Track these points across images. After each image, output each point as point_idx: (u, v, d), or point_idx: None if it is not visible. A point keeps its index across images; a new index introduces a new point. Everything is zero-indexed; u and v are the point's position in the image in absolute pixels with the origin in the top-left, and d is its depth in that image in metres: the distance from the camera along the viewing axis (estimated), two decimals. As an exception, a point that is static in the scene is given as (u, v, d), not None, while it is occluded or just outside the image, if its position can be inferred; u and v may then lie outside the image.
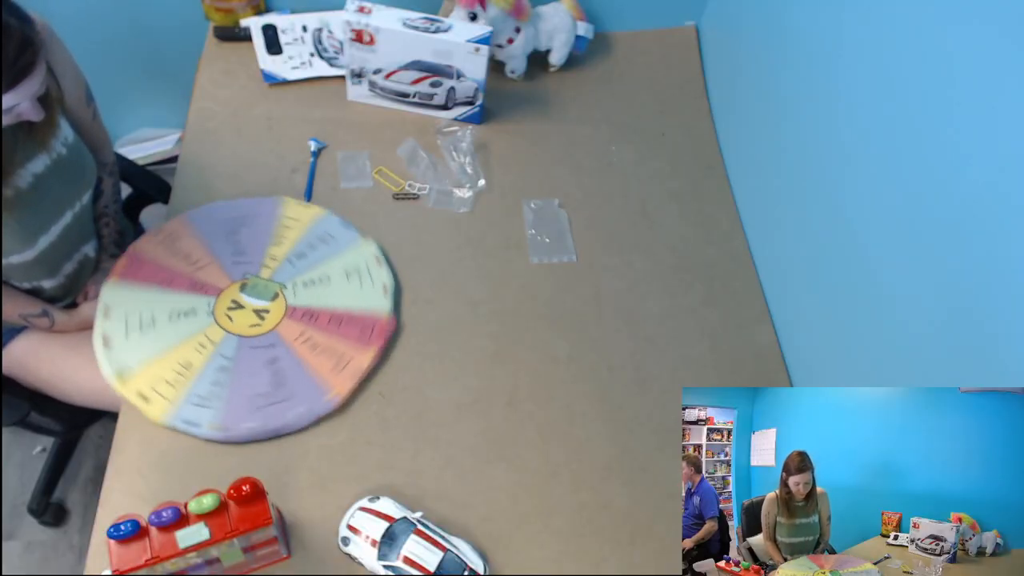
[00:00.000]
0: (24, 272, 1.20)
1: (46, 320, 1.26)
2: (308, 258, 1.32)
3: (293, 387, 1.19)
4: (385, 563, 1.04)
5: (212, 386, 1.18)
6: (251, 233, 1.34)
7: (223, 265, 1.30)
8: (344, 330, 1.25)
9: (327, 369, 1.21)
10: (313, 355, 1.22)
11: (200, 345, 1.21)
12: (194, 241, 1.32)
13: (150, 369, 1.18)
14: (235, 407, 1.16)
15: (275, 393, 1.18)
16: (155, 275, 1.27)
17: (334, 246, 1.34)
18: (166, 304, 1.25)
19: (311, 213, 1.38)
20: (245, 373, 1.20)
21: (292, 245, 1.33)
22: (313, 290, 1.29)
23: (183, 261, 1.30)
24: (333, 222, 1.37)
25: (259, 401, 1.17)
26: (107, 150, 1.35)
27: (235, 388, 1.18)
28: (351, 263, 1.32)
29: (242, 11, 1.62)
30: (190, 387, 1.17)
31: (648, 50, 1.75)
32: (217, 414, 1.15)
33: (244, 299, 1.27)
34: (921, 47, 1.00)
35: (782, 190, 1.37)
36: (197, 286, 1.27)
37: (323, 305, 1.28)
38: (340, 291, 1.29)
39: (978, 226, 0.91)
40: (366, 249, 1.34)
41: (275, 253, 1.32)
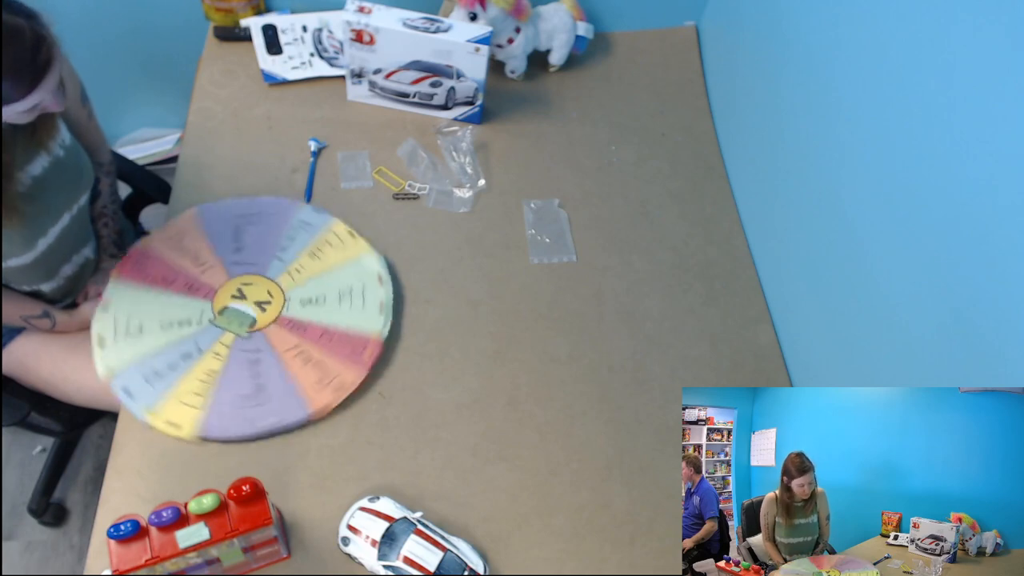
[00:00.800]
0: (23, 275, 1.20)
1: (47, 321, 1.26)
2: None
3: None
4: (385, 563, 1.04)
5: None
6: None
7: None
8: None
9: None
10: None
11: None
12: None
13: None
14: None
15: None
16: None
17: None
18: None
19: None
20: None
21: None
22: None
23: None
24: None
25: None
26: (104, 150, 1.35)
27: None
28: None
29: (242, 11, 1.62)
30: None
31: (648, 50, 1.75)
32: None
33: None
34: (921, 47, 1.00)
35: (782, 190, 1.37)
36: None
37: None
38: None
39: (978, 226, 0.91)
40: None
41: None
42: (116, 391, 1.16)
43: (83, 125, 1.26)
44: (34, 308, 1.24)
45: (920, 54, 1.00)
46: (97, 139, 1.32)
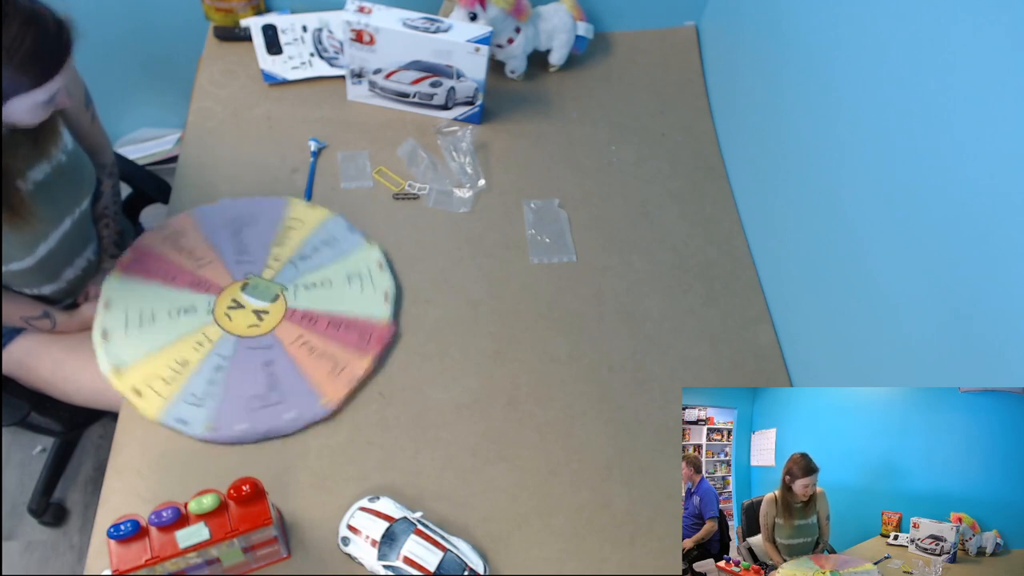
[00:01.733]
0: (24, 279, 1.20)
1: (47, 322, 1.26)
2: (311, 260, 1.32)
3: (286, 390, 1.18)
4: (385, 563, 1.04)
5: (208, 385, 1.18)
6: (255, 232, 1.34)
7: (226, 263, 1.30)
8: (342, 335, 1.24)
9: (323, 374, 1.20)
10: (310, 359, 1.22)
11: (197, 343, 1.21)
12: (199, 238, 1.32)
13: (146, 365, 1.18)
14: (228, 407, 1.16)
15: (268, 395, 1.17)
16: (158, 271, 1.28)
17: (338, 249, 1.34)
18: (167, 301, 1.25)
19: (317, 215, 1.37)
20: (241, 374, 1.19)
21: (296, 247, 1.33)
22: (314, 293, 1.28)
23: (187, 257, 1.30)
24: (339, 225, 1.37)
25: (253, 403, 1.17)
26: (106, 152, 1.35)
27: (230, 388, 1.18)
28: (354, 268, 1.32)
29: (242, 11, 1.62)
30: (185, 385, 1.17)
31: (648, 50, 1.75)
32: (210, 414, 1.15)
33: (245, 299, 1.27)
34: (921, 47, 1.00)
35: (782, 190, 1.37)
36: (198, 283, 1.27)
37: (323, 309, 1.27)
38: (341, 295, 1.29)
39: (978, 226, 0.90)
40: (370, 254, 1.34)
41: (278, 254, 1.32)
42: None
43: (86, 128, 1.26)
44: (34, 309, 1.24)
45: (920, 54, 1.00)
46: (100, 141, 1.32)
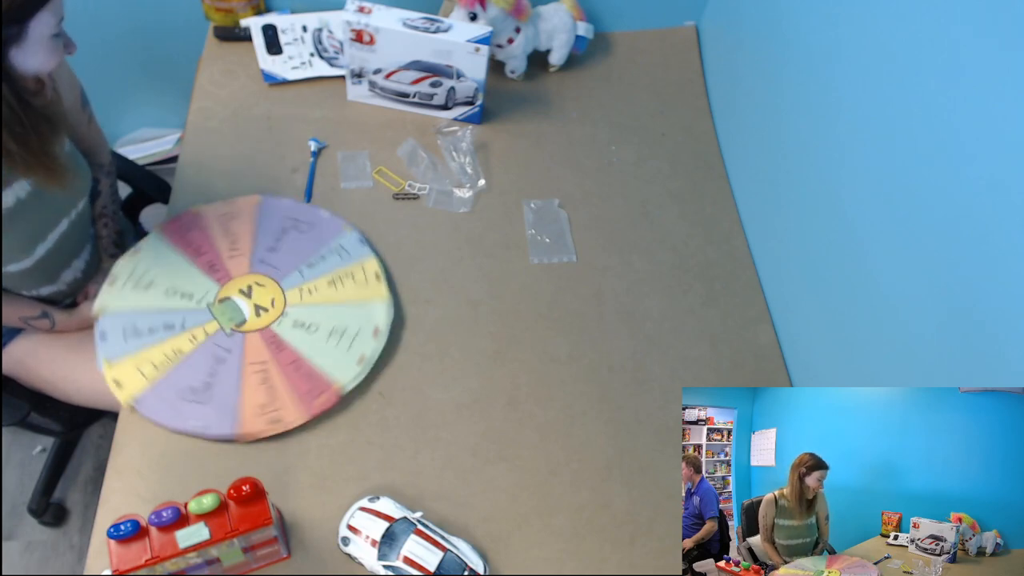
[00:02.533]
0: (23, 280, 1.20)
1: (46, 322, 1.26)
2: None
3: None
4: (385, 563, 1.04)
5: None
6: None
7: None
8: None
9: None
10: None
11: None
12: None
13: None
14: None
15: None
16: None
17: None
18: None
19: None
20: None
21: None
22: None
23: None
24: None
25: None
26: (104, 151, 1.35)
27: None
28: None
29: (242, 11, 1.62)
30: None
31: (648, 50, 1.75)
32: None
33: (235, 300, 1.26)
34: (921, 47, 1.00)
35: (782, 190, 1.37)
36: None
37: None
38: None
39: (978, 226, 0.91)
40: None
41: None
42: (94, 329, 1.20)
43: (83, 128, 1.26)
44: (33, 309, 1.24)
45: (920, 54, 1.00)
46: (97, 141, 1.32)
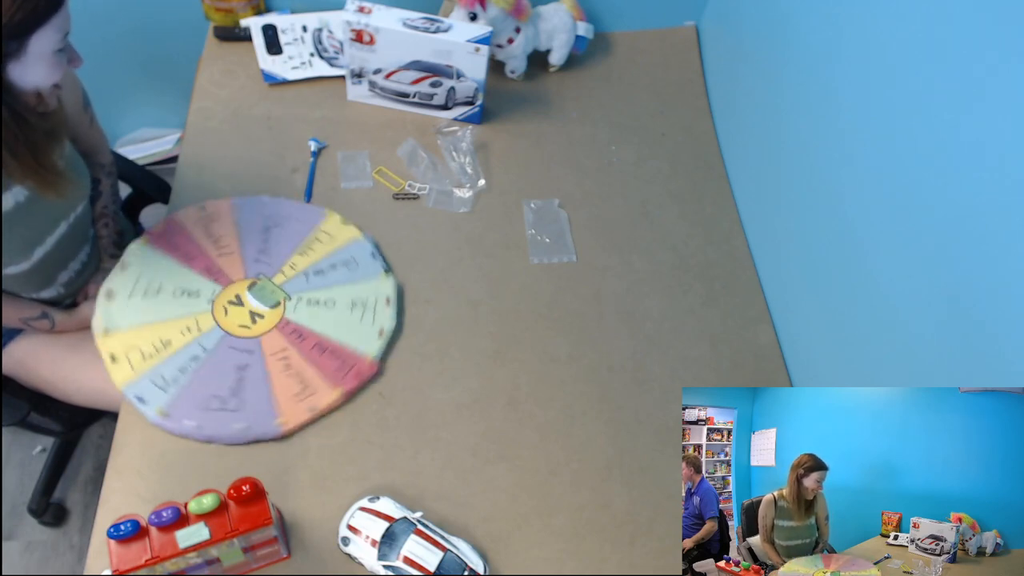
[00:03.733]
0: (20, 283, 1.20)
1: (46, 322, 1.26)
2: (325, 277, 1.30)
3: (247, 400, 1.17)
4: (385, 563, 1.04)
5: (178, 372, 1.18)
6: (283, 235, 1.34)
7: (244, 258, 1.31)
8: (324, 360, 1.21)
9: (288, 395, 1.18)
10: (282, 375, 1.19)
11: (187, 328, 1.22)
12: (230, 226, 1.34)
13: (133, 334, 1.20)
14: (187, 400, 1.16)
15: (228, 400, 1.17)
16: (180, 247, 1.30)
17: (354, 273, 1.31)
18: (177, 279, 1.27)
19: (347, 234, 1.36)
20: (212, 369, 1.19)
21: (316, 260, 1.32)
22: (314, 310, 1.27)
23: (211, 243, 1.31)
24: (364, 249, 1.34)
25: (211, 403, 1.16)
26: (104, 152, 1.35)
27: (196, 381, 1.18)
28: (361, 296, 1.29)
29: (242, 11, 1.62)
30: (159, 365, 1.18)
31: (648, 50, 1.75)
32: (169, 400, 1.15)
33: (247, 298, 1.27)
34: (921, 47, 1.00)
35: (782, 190, 1.37)
36: (212, 270, 1.28)
37: (316, 328, 1.25)
38: (338, 320, 1.26)
39: (978, 226, 0.91)
40: (382, 286, 1.30)
41: (297, 262, 1.31)
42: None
43: (84, 129, 1.26)
44: (32, 309, 1.24)
45: (920, 53, 1.00)
46: (98, 142, 1.32)
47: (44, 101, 1.04)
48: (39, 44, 0.94)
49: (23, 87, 0.97)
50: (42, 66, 0.96)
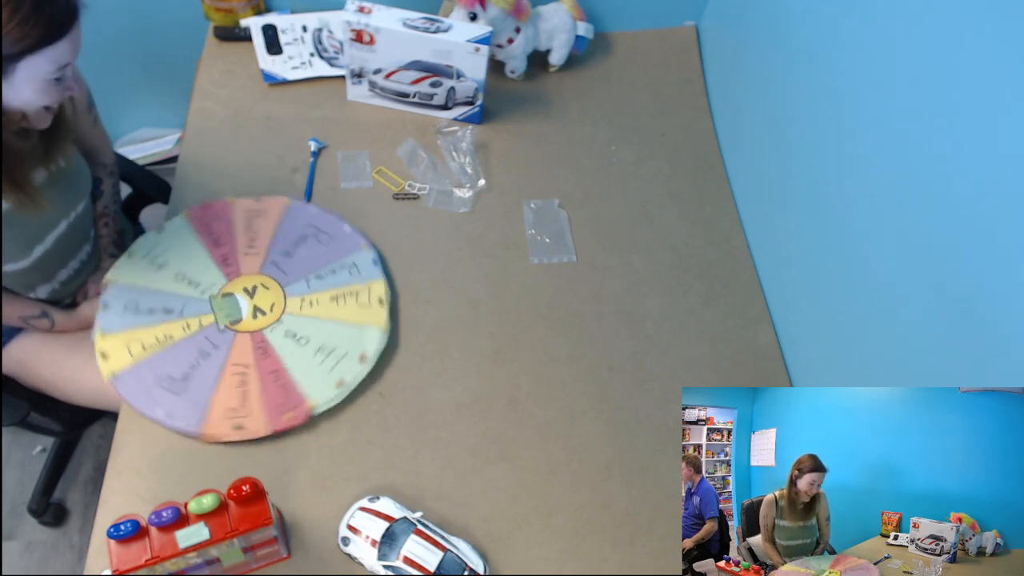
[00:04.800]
0: (19, 280, 1.20)
1: (46, 321, 1.26)
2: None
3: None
4: (385, 563, 1.04)
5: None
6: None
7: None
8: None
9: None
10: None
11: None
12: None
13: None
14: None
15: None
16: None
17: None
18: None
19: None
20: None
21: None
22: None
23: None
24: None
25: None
26: (107, 152, 1.35)
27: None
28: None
29: (242, 11, 1.62)
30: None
31: (648, 50, 1.75)
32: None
33: (238, 296, 1.26)
34: (921, 47, 1.00)
35: (782, 190, 1.37)
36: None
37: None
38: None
39: (978, 226, 0.91)
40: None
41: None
42: (100, 299, 1.23)
43: (88, 130, 1.27)
44: (33, 308, 1.24)
45: (919, 54, 1.00)
46: (101, 142, 1.33)
47: (29, 120, 1.03)
48: (28, 70, 0.94)
49: (8, 106, 0.97)
50: (28, 91, 0.96)
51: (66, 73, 0.98)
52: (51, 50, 0.93)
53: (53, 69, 0.95)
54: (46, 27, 0.92)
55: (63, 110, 1.10)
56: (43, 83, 0.96)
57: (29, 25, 0.90)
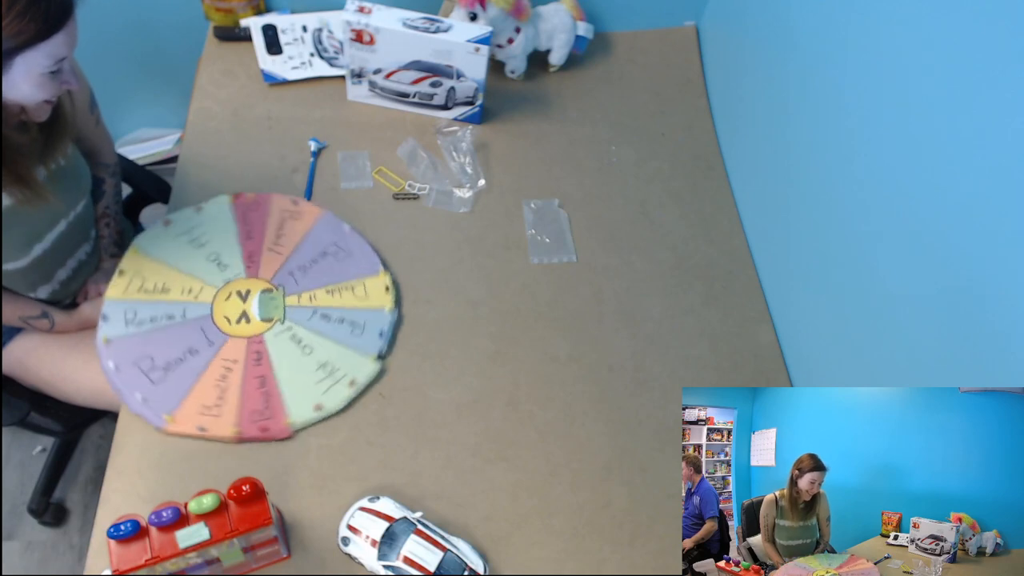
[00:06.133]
0: (19, 279, 1.20)
1: (46, 322, 1.26)
2: (325, 324, 1.26)
3: (167, 379, 1.17)
4: (385, 563, 1.04)
5: (149, 320, 1.21)
6: (330, 266, 1.32)
7: (284, 265, 1.31)
8: (253, 396, 1.17)
9: (197, 402, 1.15)
10: (212, 382, 1.17)
11: (188, 289, 1.25)
12: (300, 233, 1.35)
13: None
14: (131, 346, 1.19)
15: (155, 370, 1.17)
16: (252, 224, 1.34)
17: (353, 339, 1.25)
18: (223, 246, 1.31)
19: (379, 301, 1.29)
20: (171, 335, 1.21)
21: (334, 306, 1.28)
22: (289, 346, 1.23)
23: (275, 237, 1.34)
24: (380, 321, 1.27)
25: (143, 362, 1.17)
26: (109, 152, 1.35)
27: (151, 337, 1.20)
28: (335, 364, 1.22)
29: (242, 11, 1.62)
30: (143, 300, 1.22)
31: (648, 50, 1.75)
32: (120, 336, 1.20)
33: (253, 299, 1.26)
34: (921, 47, 1.00)
35: (782, 190, 1.37)
36: (253, 257, 1.31)
37: (274, 362, 1.21)
38: (298, 372, 1.20)
39: (978, 225, 0.91)
40: (362, 367, 1.22)
41: (318, 296, 1.28)
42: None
43: (91, 130, 1.27)
44: (33, 309, 1.24)
45: (921, 53, 1.00)
46: (103, 142, 1.32)
47: (28, 114, 1.03)
48: (25, 64, 0.94)
49: (4, 99, 0.97)
50: (26, 85, 0.96)
51: (63, 67, 0.98)
52: (47, 44, 0.93)
53: (50, 63, 0.95)
54: (42, 22, 0.92)
55: (62, 106, 1.10)
56: (40, 77, 0.96)
57: (25, 20, 0.90)
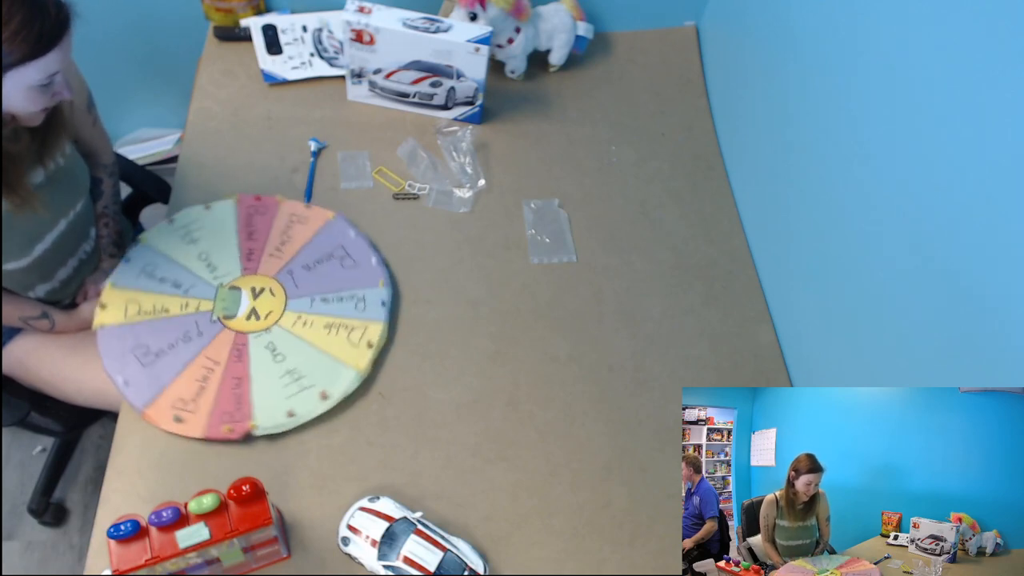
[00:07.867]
0: (19, 279, 1.20)
1: (46, 322, 1.26)
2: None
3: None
4: (385, 563, 1.04)
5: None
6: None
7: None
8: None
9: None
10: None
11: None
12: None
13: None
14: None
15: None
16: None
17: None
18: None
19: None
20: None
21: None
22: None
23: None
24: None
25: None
26: (107, 152, 1.35)
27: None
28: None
29: (242, 11, 1.62)
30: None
31: (648, 50, 1.75)
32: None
33: (243, 293, 1.27)
34: (922, 46, 1.00)
35: (782, 190, 1.37)
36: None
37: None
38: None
39: (978, 225, 0.91)
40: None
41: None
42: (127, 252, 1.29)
43: (88, 130, 1.27)
44: (33, 309, 1.24)
45: (921, 53, 1.00)
46: (101, 143, 1.32)
47: (19, 120, 1.03)
48: (16, 79, 0.94)
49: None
50: (18, 98, 0.97)
51: (55, 79, 0.98)
52: (40, 61, 0.94)
53: (42, 77, 0.96)
54: (36, 41, 0.92)
55: (58, 106, 1.10)
56: (31, 90, 0.97)
57: (19, 39, 0.91)
